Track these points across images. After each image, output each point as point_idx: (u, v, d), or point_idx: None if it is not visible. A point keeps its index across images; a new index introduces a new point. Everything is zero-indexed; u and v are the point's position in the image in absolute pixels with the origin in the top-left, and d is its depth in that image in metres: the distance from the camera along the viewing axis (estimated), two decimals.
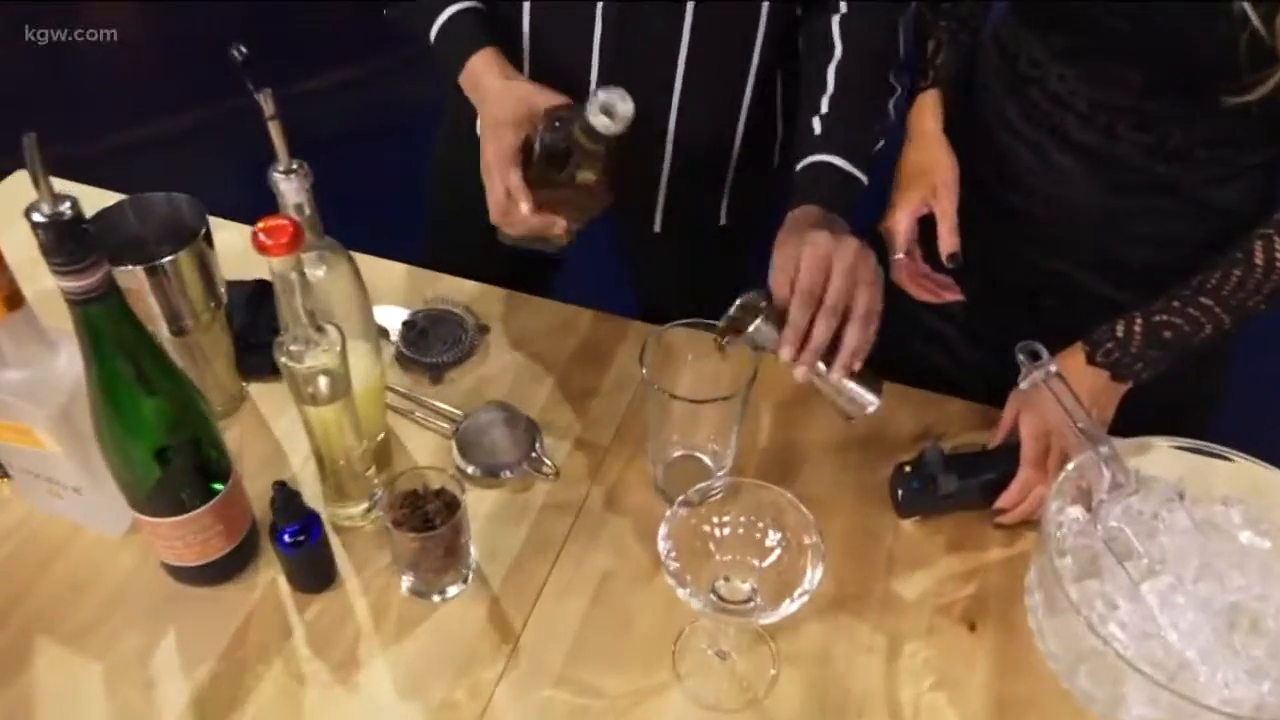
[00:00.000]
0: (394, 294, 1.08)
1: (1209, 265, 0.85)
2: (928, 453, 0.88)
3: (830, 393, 0.81)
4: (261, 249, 0.68)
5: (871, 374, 0.81)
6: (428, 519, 0.79)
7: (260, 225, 0.68)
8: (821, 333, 0.77)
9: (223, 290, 0.90)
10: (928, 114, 0.97)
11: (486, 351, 1.04)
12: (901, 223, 0.95)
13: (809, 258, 0.78)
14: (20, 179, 1.15)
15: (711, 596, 0.76)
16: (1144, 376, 0.88)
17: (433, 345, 1.02)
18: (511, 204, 0.87)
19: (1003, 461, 0.87)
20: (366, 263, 1.08)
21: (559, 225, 0.88)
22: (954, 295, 0.95)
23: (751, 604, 0.76)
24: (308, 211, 0.77)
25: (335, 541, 0.85)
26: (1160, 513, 0.80)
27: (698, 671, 0.79)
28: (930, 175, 0.95)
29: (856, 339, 0.78)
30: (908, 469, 0.88)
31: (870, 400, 0.81)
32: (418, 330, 1.03)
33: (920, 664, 0.80)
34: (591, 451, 0.94)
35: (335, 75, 2.53)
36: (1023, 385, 0.83)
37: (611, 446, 0.95)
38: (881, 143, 0.90)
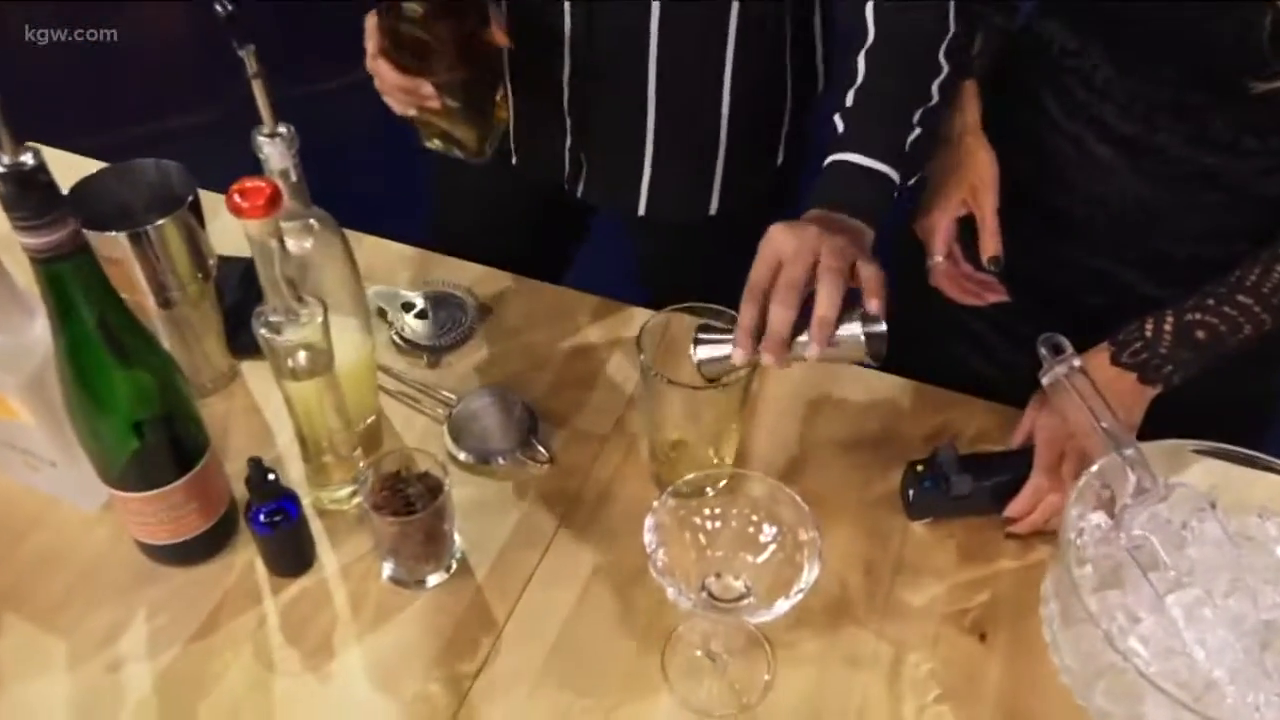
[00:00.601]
0: (396, 275, 1.05)
1: (1249, 260, 0.80)
2: (941, 452, 0.83)
3: (832, 356, 0.73)
4: (236, 211, 0.65)
5: (857, 312, 0.72)
6: (409, 503, 0.75)
7: (236, 186, 0.65)
8: (778, 316, 0.71)
9: (212, 263, 0.87)
10: (966, 106, 0.92)
11: (486, 335, 1.00)
12: (940, 224, 0.90)
13: (758, 255, 0.74)
14: None
15: (703, 594, 0.72)
16: (1175, 380, 0.82)
17: (431, 328, 0.99)
18: (372, 60, 0.88)
19: (1022, 464, 0.82)
20: (368, 243, 1.06)
21: (426, 91, 0.88)
22: (998, 296, 0.90)
23: (745, 602, 0.71)
24: (294, 178, 0.74)
25: (317, 525, 0.82)
26: (1190, 522, 0.75)
27: (688, 674, 0.75)
28: (968, 173, 0.90)
29: (824, 303, 0.71)
30: (920, 468, 0.84)
31: (859, 334, 0.72)
32: (417, 312, 0.99)
33: (925, 675, 0.75)
34: (588, 441, 0.90)
35: (344, 76, 2.55)
36: (1043, 380, 0.78)
37: (610, 437, 0.91)
38: (919, 131, 0.84)
